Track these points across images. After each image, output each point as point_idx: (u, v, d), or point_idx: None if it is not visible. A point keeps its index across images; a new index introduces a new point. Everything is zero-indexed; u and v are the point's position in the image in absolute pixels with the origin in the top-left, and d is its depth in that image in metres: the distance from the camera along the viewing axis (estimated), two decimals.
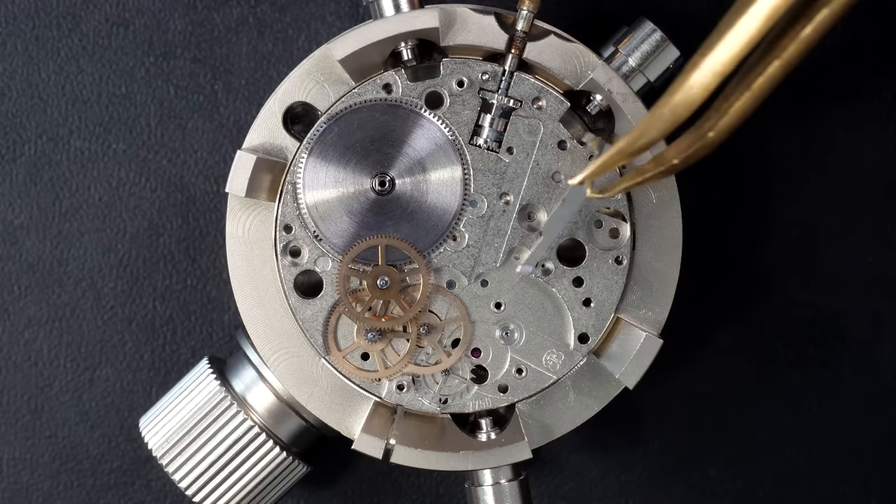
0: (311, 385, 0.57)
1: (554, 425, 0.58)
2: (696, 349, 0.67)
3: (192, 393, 0.60)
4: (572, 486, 0.69)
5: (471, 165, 0.56)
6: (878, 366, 0.68)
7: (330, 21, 0.67)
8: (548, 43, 0.56)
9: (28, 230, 0.67)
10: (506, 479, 0.58)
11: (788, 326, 0.68)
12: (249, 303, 0.57)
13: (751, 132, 0.66)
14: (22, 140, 0.67)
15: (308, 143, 0.55)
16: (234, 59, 0.67)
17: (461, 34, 0.56)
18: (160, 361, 0.68)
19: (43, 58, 0.67)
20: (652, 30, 0.58)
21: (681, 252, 0.57)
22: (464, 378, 0.57)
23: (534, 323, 0.57)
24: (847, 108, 0.67)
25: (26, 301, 0.67)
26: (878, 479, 0.68)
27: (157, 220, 0.67)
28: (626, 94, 0.56)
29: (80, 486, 0.68)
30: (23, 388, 0.67)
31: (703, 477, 0.68)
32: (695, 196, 0.65)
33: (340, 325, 0.57)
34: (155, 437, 0.60)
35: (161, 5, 0.67)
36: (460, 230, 0.56)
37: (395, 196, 0.56)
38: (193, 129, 0.67)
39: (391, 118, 0.55)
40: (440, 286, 0.57)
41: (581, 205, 0.55)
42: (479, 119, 0.56)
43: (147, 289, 0.67)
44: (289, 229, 0.56)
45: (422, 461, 0.57)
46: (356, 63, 0.55)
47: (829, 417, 0.68)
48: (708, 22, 0.67)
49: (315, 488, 0.68)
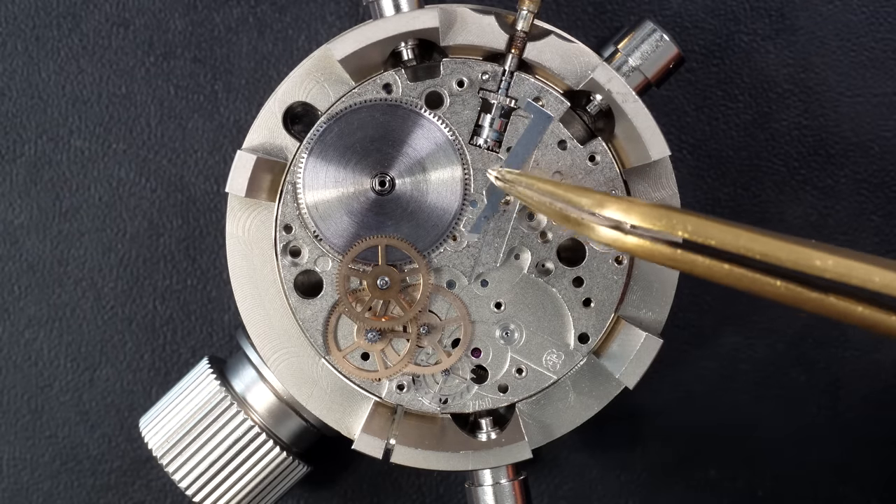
0: (312, 385, 0.57)
1: (554, 425, 0.58)
2: (696, 349, 0.67)
3: (192, 393, 0.60)
4: (572, 486, 0.69)
5: (471, 165, 0.56)
6: (878, 366, 0.68)
7: (330, 21, 0.67)
8: (548, 43, 0.56)
9: (28, 230, 0.67)
10: (506, 479, 0.58)
11: (788, 326, 0.68)
12: (249, 303, 0.57)
13: (751, 131, 0.67)
14: (22, 140, 0.67)
15: (308, 143, 0.55)
16: (234, 59, 0.67)
17: (461, 34, 0.55)
18: (160, 361, 0.68)
19: (43, 58, 0.67)
20: (652, 29, 0.58)
21: None
22: (464, 378, 0.57)
23: (534, 323, 0.57)
24: (848, 106, 0.68)
25: (26, 301, 0.67)
26: (878, 479, 0.68)
27: (157, 220, 0.67)
28: (626, 94, 0.55)
29: (80, 486, 0.68)
30: (23, 388, 0.68)
31: (703, 477, 0.68)
32: (695, 196, 0.66)
33: (340, 325, 0.57)
34: (155, 437, 0.60)
35: (161, 5, 0.67)
36: (460, 230, 0.56)
37: (395, 196, 0.56)
38: (193, 129, 0.67)
39: (391, 118, 0.55)
40: (440, 286, 0.57)
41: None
42: (479, 119, 0.56)
43: (147, 289, 0.67)
44: (289, 229, 0.56)
45: (422, 461, 0.57)
46: (356, 63, 0.55)
47: (829, 417, 0.68)
48: (707, 21, 0.67)
49: (315, 488, 0.68)
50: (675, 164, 0.57)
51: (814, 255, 0.40)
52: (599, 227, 0.45)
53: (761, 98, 0.67)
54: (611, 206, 0.44)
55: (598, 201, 0.45)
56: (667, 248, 0.42)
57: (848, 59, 0.67)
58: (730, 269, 0.41)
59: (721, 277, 0.41)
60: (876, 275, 0.38)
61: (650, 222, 0.42)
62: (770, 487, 0.68)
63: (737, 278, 0.41)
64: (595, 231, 0.45)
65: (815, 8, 0.67)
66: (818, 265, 0.40)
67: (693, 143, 0.67)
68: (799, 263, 0.40)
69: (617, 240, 0.44)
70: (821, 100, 0.67)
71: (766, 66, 0.67)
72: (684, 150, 0.67)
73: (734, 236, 0.41)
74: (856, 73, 0.67)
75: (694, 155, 0.67)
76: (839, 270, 0.39)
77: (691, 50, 0.67)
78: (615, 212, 0.44)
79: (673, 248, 0.42)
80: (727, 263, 0.41)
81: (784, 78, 0.67)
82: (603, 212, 0.44)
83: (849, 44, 0.67)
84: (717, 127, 0.67)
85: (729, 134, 0.67)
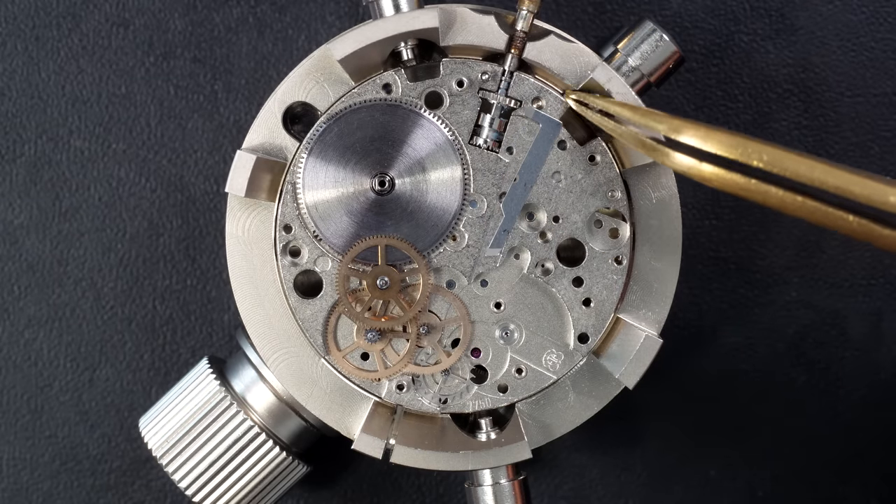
0: (311, 385, 0.57)
1: (554, 425, 0.58)
2: (696, 349, 0.67)
3: (191, 393, 0.60)
4: (572, 486, 0.69)
5: (470, 165, 0.56)
6: (878, 366, 0.68)
7: (330, 21, 0.67)
8: (547, 43, 0.56)
9: (28, 230, 0.67)
10: (505, 479, 0.58)
11: (788, 326, 0.68)
12: (249, 303, 0.57)
13: (751, 131, 0.67)
14: (22, 140, 0.67)
15: (308, 143, 0.55)
16: (234, 59, 0.67)
17: (461, 34, 0.55)
18: (160, 361, 0.68)
19: (43, 58, 0.67)
20: (652, 29, 0.58)
21: (680, 251, 0.57)
22: (463, 378, 0.57)
23: (533, 323, 0.57)
24: (848, 106, 0.68)
25: (26, 301, 0.67)
26: (878, 479, 0.68)
27: (157, 220, 0.67)
28: (625, 94, 0.55)
29: (80, 486, 0.68)
30: (23, 388, 0.68)
31: (703, 477, 0.68)
32: (695, 196, 0.66)
33: (340, 325, 0.57)
34: (155, 438, 0.60)
35: (161, 5, 0.67)
36: (460, 230, 0.56)
37: (394, 196, 0.56)
38: (193, 129, 0.67)
39: (391, 118, 0.55)
40: (440, 286, 0.57)
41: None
42: (479, 119, 0.56)
43: (147, 289, 0.67)
44: (288, 229, 0.56)
45: (421, 461, 0.57)
46: (356, 63, 0.55)
47: (829, 417, 0.68)
48: (707, 21, 0.67)
49: (315, 488, 0.68)
50: None
51: (889, 191, 0.39)
52: (675, 154, 0.44)
53: (761, 98, 0.67)
54: (687, 132, 0.44)
55: (674, 127, 0.45)
56: (741, 178, 0.42)
57: (848, 59, 0.67)
58: (803, 202, 0.41)
59: (794, 209, 0.41)
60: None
61: (726, 150, 0.42)
62: (770, 487, 0.68)
63: (809, 211, 0.41)
64: (671, 158, 0.45)
65: (815, 8, 0.67)
66: (893, 201, 0.39)
67: None
68: (873, 199, 0.39)
69: (692, 167, 0.43)
70: (821, 100, 0.67)
71: (766, 66, 0.67)
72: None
73: (809, 168, 0.40)
74: (856, 73, 0.67)
75: None
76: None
77: (691, 50, 0.67)
78: (691, 138, 0.43)
79: (747, 179, 0.42)
80: (801, 195, 0.41)
81: (784, 78, 0.67)
82: (679, 137, 0.44)
83: (849, 44, 0.67)
84: None
85: None
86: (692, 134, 0.44)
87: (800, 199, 0.41)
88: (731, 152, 0.42)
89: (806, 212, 0.41)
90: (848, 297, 0.67)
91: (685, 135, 0.44)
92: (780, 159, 0.41)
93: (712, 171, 0.43)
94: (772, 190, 0.41)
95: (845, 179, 0.40)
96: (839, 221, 0.40)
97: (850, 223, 0.40)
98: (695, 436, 0.68)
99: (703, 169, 0.43)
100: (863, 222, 0.40)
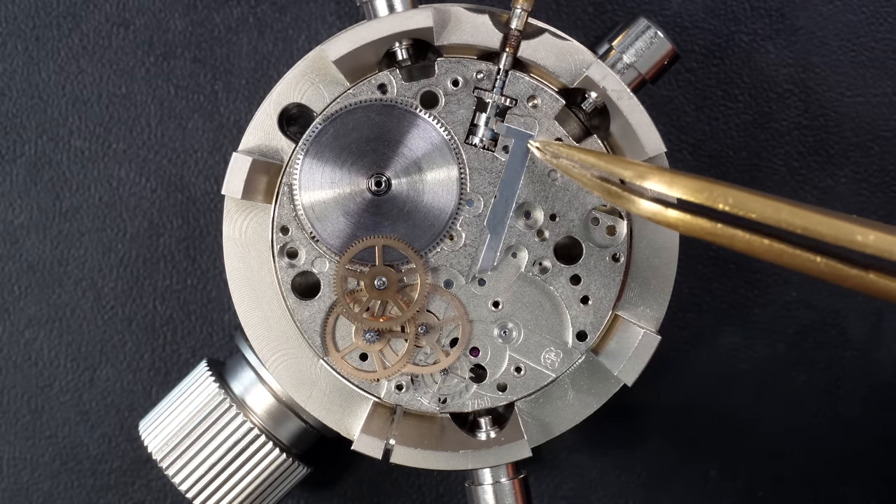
0: (310, 386, 0.57)
1: (553, 423, 0.58)
2: (696, 349, 0.67)
3: (191, 396, 0.60)
4: (572, 486, 0.69)
5: (467, 165, 0.56)
6: (878, 366, 0.67)
7: (330, 21, 0.67)
8: (542, 41, 0.56)
9: (28, 230, 0.67)
10: (506, 478, 0.58)
11: (788, 326, 0.67)
12: (247, 305, 0.57)
13: (751, 131, 0.66)
14: (22, 140, 0.67)
15: (304, 145, 0.55)
16: (234, 59, 0.67)
17: (455, 33, 0.55)
18: (160, 361, 0.68)
19: (43, 58, 0.67)
20: (646, 26, 0.58)
21: (678, 248, 0.57)
22: (462, 377, 0.57)
23: (532, 321, 0.57)
24: (848, 106, 0.67)
25: (26, 301, 0.67)
26: (878, 479, 0.68)
27: (157, 220, 0.67)
28: (621, 91, 0.55)
29: (80, 486, 0.68)
30: (23, 388, 0.68)
31: (703, 477, 0.68)
32: None
33: (338, 325, 0.57)
34: (155, 440, 0.60)
35: (161, 5, 0.67)
36: (457, 229, 0.56)
37: (391, 196, 0.56)
38: (193, 129, 0.67)
39: (386, 118, 0.55)
40: (438, 286, 0.57)
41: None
42: (475, 118, 0.56)
43: (147, 289, 0.68)
44: (285, 231, 0.56)
45: (421, 461, 0.57)
46: (351, 64, 0.55)
47: (829, 417, 0.68)
48: (707, 21, 0.67)
49: (315, 489, 0.68)
50: (675, 164, 0.57)
51: (855, 230, 0.39)
52: (641, 201, 0.44)
53: (761, 98, 0.67)
54: (653, 178, 0.44)
55: (639, 173, 0.45)
56: (707, 223, 0.42)
57: (848, 59, 0.67)
58: (770, 244, 0.41)
59: (761, 252, 0.41)
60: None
61: (692, 195, 0.42)
62: (770, 487, 0.68)
63: (777, 254, 0.41)
64: (636, 204, 0.45)
65: (815, 8, 0.67)
66: (859, 240, 0.39)
67: (693, 143, 0.67)
68: (840, 238, 0.39)
69: (658, 213, 0.43)
70: (821, 100, 0.67)
71: (766, 66, 0.67)
72: (684, 150, 0.67)
73: (775, 210, 0.40)
74: (856, 73, 0.67)
75: (694, 155, 0.67)
76: (881, 246, 0.39)
77: (691, 50, 0.67)
78: (657, 184, 0.44)
79: (713, 223, 0.42)
80: (767, 238, 0.41)
81: (784, 78, 0.67)
82: (645, 183, 0.44)
83: (849, 44, 0.67)
84: (717, 127, 0.67)
85: (729, 134, 0.67)
86: (657, 180, 0.44)
87: (766, 241, 0.41)
88: (696, 196, 0.42)
89: (773, 255, 0.41)
90: (848, 297, 0.67)
91: (650, 181, 0.44)
92: (746, 202, 0.41)
93: (678, 217, 0.43)
94: (738, 234, 0.41)
95: (812, 220, 0.40)
96: (807, 263, 0.40)
97: (818, 264, 0.40)
98: (695, 436, 0.68)
99: (669, 214, 0.43)
100: (830, 263, 0.40)
